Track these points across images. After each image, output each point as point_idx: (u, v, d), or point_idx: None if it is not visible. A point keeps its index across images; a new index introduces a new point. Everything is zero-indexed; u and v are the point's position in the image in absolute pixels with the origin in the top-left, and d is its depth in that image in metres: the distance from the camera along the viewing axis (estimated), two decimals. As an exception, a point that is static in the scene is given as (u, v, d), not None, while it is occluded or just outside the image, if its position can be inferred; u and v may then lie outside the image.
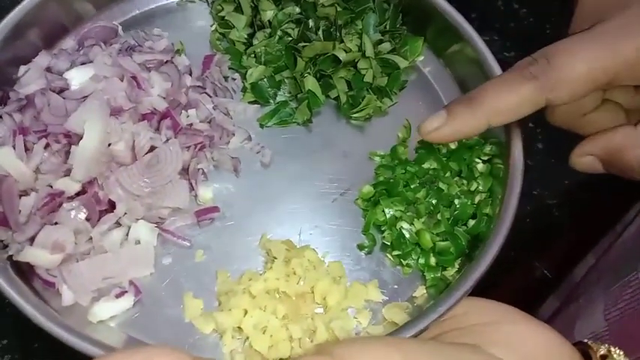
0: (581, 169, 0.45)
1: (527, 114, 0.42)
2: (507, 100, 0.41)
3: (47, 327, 0.39)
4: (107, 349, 0.40)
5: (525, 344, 0.36)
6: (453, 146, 0.54)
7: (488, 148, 0.52)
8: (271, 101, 0.57)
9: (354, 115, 0.57)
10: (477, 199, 0.50)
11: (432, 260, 0.48)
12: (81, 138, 0.45)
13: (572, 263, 0.65)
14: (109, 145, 0.46)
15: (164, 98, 0.50)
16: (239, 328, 0.44)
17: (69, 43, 0.55)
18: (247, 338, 0.44)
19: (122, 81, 0.48)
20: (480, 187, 0.51)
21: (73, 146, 0.45)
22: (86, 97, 0.47)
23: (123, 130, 0.46)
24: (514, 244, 0.46)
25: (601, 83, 0.40)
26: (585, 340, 0.38)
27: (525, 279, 0.63)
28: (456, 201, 0.50)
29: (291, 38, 0.57)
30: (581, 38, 0.41)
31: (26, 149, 0.46)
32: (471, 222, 0.49)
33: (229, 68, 0.58)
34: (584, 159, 0.45)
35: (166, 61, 0.52)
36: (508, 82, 0.41)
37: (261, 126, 0.56)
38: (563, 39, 0.42)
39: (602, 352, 0.36)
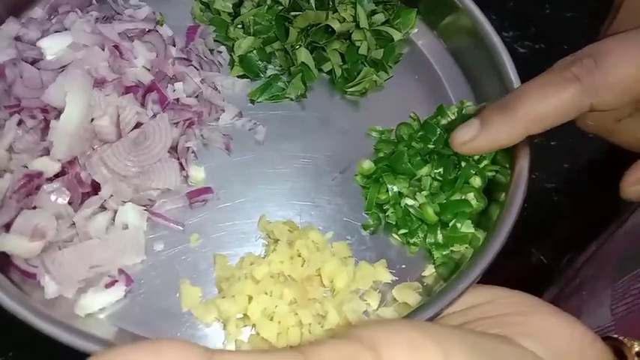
0: (638, 198, 0.40)
1: (569, 120, 0.38)
2: (547, 105, 0.37)
3: (34, 322, 0.35)
4: (102, 343, 0.36)
5: (557, 338, 0.34)
6: (452, 116, 0.52)
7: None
8: (262, 75, 0.54)
9: (350, 90, 0.54)
10: (483, 164, 0.48)
11: (440, 237, 0.46)
12: (60, 112, 0.41)
13: (571, 250, 0.64)
14: (92, 120, 0.42)
15: (149, 70, 0.46)
16: (244, 315, 0.41)
17: (37, 12, 0.50)
18: (253, 326, 0.40)
19: (103, 50, 0.44)
20: (484, 155, 0.48)
21: (52, 121, 0.40)
22: (64, 67, 0.42)
23: (107, 104, 0.41)
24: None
25: None
26: (616, 336, 0.36)
27: (521, 265, 0.62)
28: (463, 163, 0.47)
29: (281, 7, 0.53)
30: (632, 38, 0.37)
31: (-4, 126, 0.41)
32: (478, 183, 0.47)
33: (214, 40, 0.54)
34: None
35: (149, 30, 0.48)
36: (547, 85, 0.37)
37: (252, 101, 0.53)
38: (608, 37, 0.38)
39: (637, 349, 0.34)
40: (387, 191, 0.47)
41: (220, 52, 0.54)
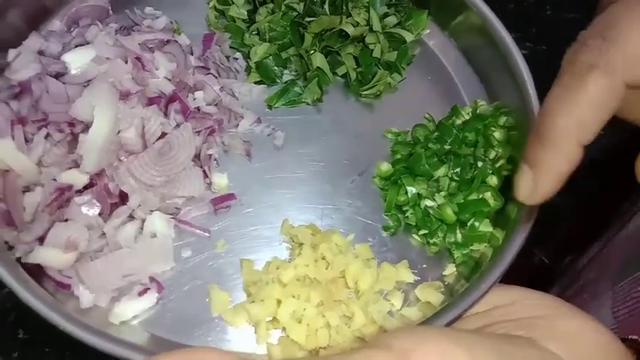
0: None
1: (616, 108, 0.33)
2: (581, 110, 0.32)
3: (71, 330, 0.36)
4: (143, 351, 0.37)
5: (581, 341, 0.34)
6: (466, 116, 0.53)
7: (502, 120, 0.51)
8: (278, 81, 0.54)
9: (365, 93, 0.55)
10: (500, 163, 0.49)
11: (459, 236, 0.47)
12: (86, 126, 0.42)
13: (572, 251, 0.65)
14: (118, 132, 0.43)
15: (169, 80, 0.47)
16: (273, 318, 0.42)
17: (55, 24, 0.51)
18: (283, 329, 0.42)
19: (126, 63, 0.45)
20: (500, 154, 0.49)
21: (81, 135, 0.41)
22: (89, 81, 0.43)
23: (133, 116, 0.42)
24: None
25: None
26: (636, 337, 0.36)
27: (523, 266, 0.62)
28: (479, 163, 0.48)
29: (296, 13, 0.54)
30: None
31: (25, 140, 0.42)
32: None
33: (230, 47, 0.55)
34: None
35: (167, 41, 0.49)
36: (567, 89, 0.33)
37: (269, 107, 0.53)
38: (607, 10, 0.33)
39: None
40: (406, 193, 0.48)
41: (236, 59, 0.55)
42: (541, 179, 0.35)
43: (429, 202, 0.47)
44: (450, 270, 0.47)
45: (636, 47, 0.31)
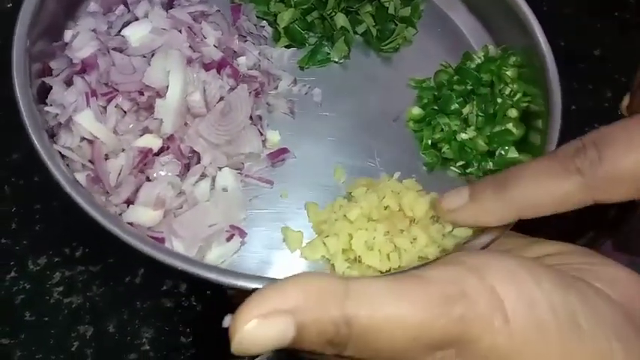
0: None
1: (566, 210, 0.36)
2: (545, 195, 0.35)
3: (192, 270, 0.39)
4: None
5: (626, 285, 0.34)
6: (479, 61, 0.58)
7: (512, 60, 0.57)
8: (306, 43, 0.59)
9: (385, 47, 0.59)
10: (516, 98, 0.55)
11: (491, 164, 0.53)
12: (157, 92, 0.45)
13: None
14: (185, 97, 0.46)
15: (217, 47, 0.50)
16: (346, 250, 0.46)
17: (93, 7, 0.53)
18: (357, 258, 0.46)
19: (180, 33, 0.48)
20: (515, 89, 0.55)
21: (157, 100, 0.44)
22: (153, 52, 0.46)
23: (198, 80, 0.46)
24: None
25: None
26: None
27: None
28: (498, 99, 0.54)
29: (317, -22, 0.58)
30: None
31: (98, 113, 0.45)
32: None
33: (257, 17, 0.59)
34: None
35: (208, 12, 0.52)
36: (548, 172, 0.35)
37: (301, 68, 0.58)
38: (623, 120, 0.34)
39: None
40: (442, 130, 0.53)
41: (263, 27, 0.58)
42: (468, 210, 0.39)
43: (464, 136, 0.53)
44: (488, 195, 0.52)
45: (621, 175, 0.33)
